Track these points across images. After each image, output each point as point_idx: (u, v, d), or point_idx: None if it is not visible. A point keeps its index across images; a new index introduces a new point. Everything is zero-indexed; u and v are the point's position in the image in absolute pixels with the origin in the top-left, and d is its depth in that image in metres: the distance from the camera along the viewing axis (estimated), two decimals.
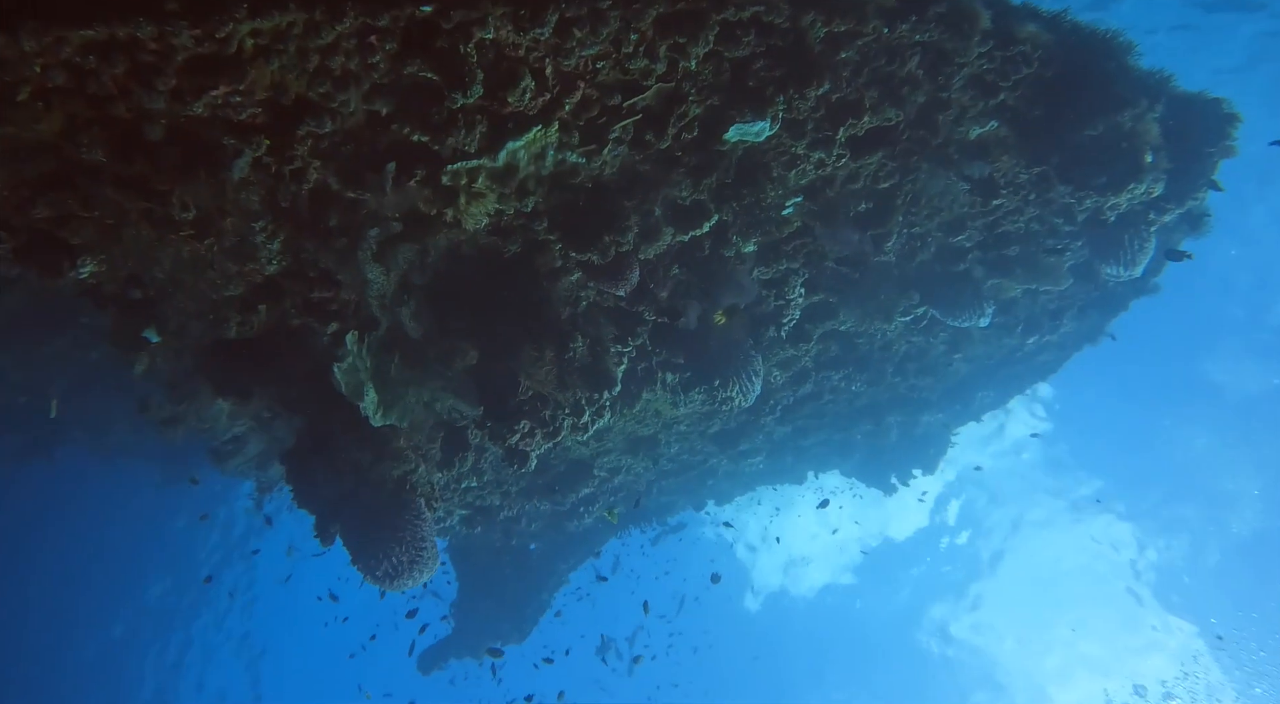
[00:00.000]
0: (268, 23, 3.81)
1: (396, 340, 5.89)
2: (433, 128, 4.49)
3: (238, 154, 4.44)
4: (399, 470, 6.26)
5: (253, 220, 4.85)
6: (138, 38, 3.71)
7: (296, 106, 4.32)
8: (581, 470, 10.89)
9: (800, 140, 5.34)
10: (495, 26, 4.06)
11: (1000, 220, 6.76)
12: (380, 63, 4.20)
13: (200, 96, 4.06)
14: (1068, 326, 9.84)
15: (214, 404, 7.08)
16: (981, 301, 7.54)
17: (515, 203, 5.24)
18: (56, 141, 4.22)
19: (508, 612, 15.13)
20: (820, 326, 8.00)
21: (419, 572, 6.22)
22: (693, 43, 4.41)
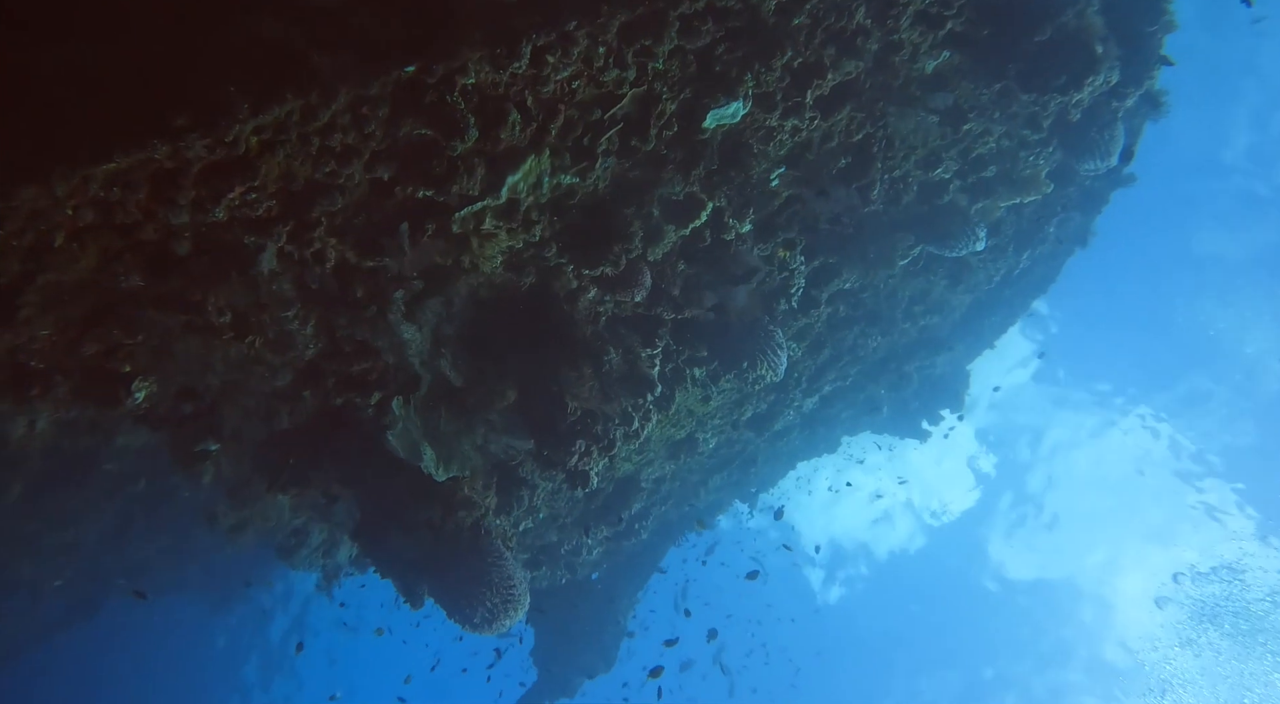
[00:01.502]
0: (269, 117, 4.03)
1: (438, 395, 6.07)
2: (436, 180, 4.70)
3: (261, 249, 4.65)
4: (470, 518, 6.43)
5: (286, 309, 5.04)
6: (155, 159, 3.92)
7: (307, 190, 4.53)
8: (629, 487, 11.04)
9: (773, 112, 5.57)
10: (476, 71, 4.29)
11: (973, 145, 7.01)
12: (375, 131, 4.41)
13: (219, 202, 4.27)
14: (1056, 234, 10.10)
15: (276, 500, 7.24)
16: (972, 227, 7.78)
17: (524, 235, 5.45)
18: (94, 277, 4.42)
19: (588, 643, 15.19)
20: (826, 289, 8.21)
21: (514, 610, 6.37)
22: (657, 43, 4.64)
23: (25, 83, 3.95)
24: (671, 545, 15.63)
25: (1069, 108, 6.58)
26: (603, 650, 15.13)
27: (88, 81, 3.99)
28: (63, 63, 3.98)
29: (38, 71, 3.95)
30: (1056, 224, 9.83)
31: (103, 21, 4.11)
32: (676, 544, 15.95)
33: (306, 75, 4.03)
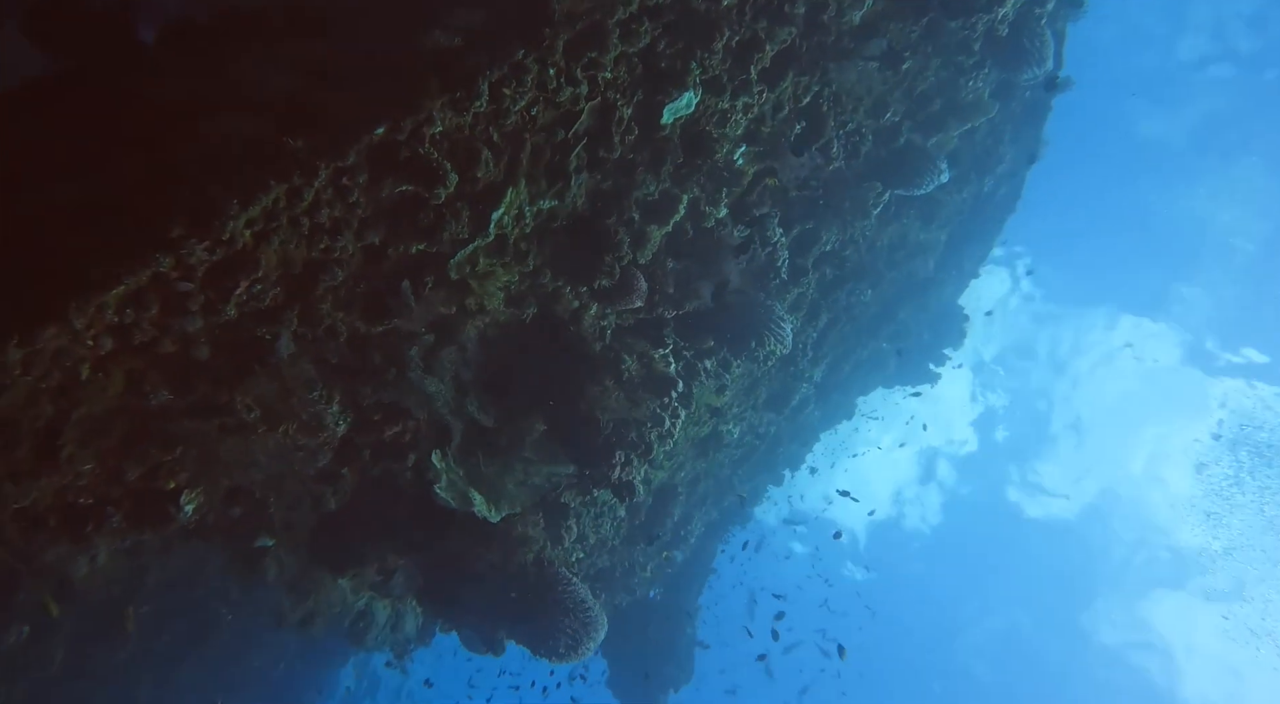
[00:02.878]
0: (258, 207, 4.15)
1: (472, 440, 6.16)
2: (426, 232, 4.82)
3: (276, 337, 4.75)
4: (531, 553, 6.51)
5: (311, 390, 5.13)
6: (161, 272, 4.02)
7: (307, 271, 4.64)
8: (667, 495, 11.11)
9: (723, 94, 5.74)
10: (441, 118, 4.43)
11: (914, 83, 7.21)
12: (359, 198, 4.53)
13: (229, 300, 4.37)
14: (1010, 151, 10.33)
15: (336, 585, 7.28)
16: (933, 161, 7.97)
17: (518, 267, 5.58)
18: (124, 401, 4.50)
19: (664, 659, 15.17)
20: (810, 255, 8.37)
21: (594, 630, 6.44)
22: (602, 53, 4.80)
23: (21, 231, 4.06)
24: (719, 544, 15.69)
25: (995, 25, 6.80)
26: (679, 662, 15.12)
27: (80, 216, 4.11)
28: (53, 204, 4.10)
29: (31, 217, 4.06)
30: (1009, 141, 10.06)
31: (80, 155, 4.24)
32: (724, 542, 16.02)
33: (285, 159, 4.16)
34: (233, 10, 5.26)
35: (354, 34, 4.93)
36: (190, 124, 4.43)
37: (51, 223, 4.07)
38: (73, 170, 4.23)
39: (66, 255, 4.01)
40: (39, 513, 4.65)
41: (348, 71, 4.62)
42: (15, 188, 4.18)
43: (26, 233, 4.05)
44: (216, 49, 4.99)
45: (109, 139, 4.43)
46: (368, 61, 4.61)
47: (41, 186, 4.20)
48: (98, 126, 4.50)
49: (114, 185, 4.22)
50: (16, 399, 4.03)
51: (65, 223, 4.08)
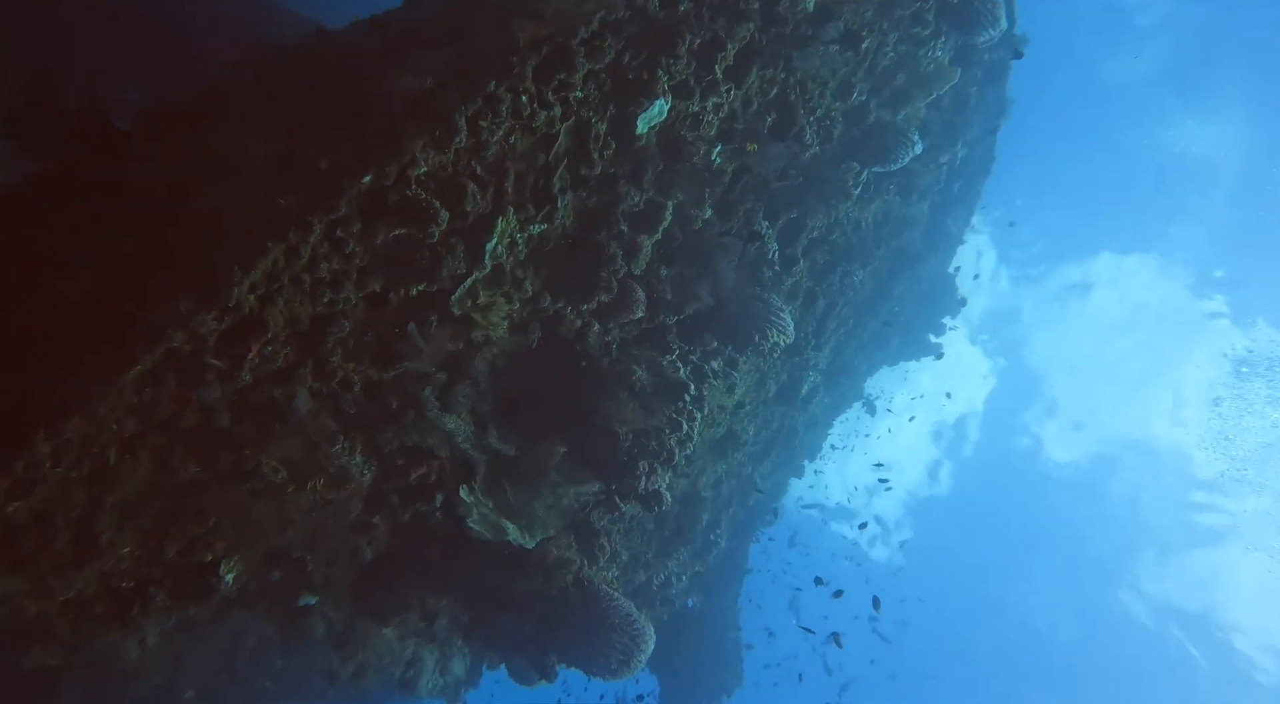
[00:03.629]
0: (259, 270, 4.21)
1: (496, 470, 6.20)
2: (424, 272, 4.89)
3: (293, 396, 4.80)
4: (570, 574, 6.53)
5: (333, 444, 5.18)
6: (174, 347, 4.08)
7: (314, 327, 4.70)
8: (692, 501, 11.13)
9: (692, 97, 5.83)
10: (424, 159, 4.51)
11: (875, 60, 7.31)
12: (355, 249, 4.60)
13: (242, 366, 4.42)
14: (978, 114, 10.44)
15: (382, 636, 7.30)
16: (904, 134, 8.06)
17: (518, 294, 5.64)
18: (154, 480, 4.55)
19: (713, 666, 15.14)
20: (799, 244, 8.45)
21: (644, 642, 6.46)
22: (570, 73, 4.88)
23: (32, 327, 4.13)
24: (750, 543, 15.68)
25: None
26: (728, 666, 15.10)
27: (88, 305, 4.18)
28: (59, 297, 4.16)
29: (39, 312, 4.13)
30: (975, 105, 10.17)
31: (80, 246, 4.32)
32: (755, 541, 16.00)
33: (278, 220, 4.23)
34: (202, 87, 5.37)
35: (327, 90, 5.01)
36: (181, 200, 4.51)
37: (60, 316, 4.14)
38: (75, 262, 4.29)
39: (79, 345, 4.07)
40: (85, 602, 4.68)
41: (326, 127, 4.70)
42: (20, 286, 4.25)
43: (37, 328, 4.11)
44: (194, 125, 5.09)
45: (106, 227, 4.51)
46: (344, 114, 4.69)
47: (46, 282, 4.26)
48: (93, 217, 4.57)
49: (116, 270, 4.29)
50: (50, 492, 4.08)
51: (74, 313, 4.14)
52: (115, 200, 4.69)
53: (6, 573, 4.13)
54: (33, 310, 4.09)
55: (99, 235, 4.49)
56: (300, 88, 5.20)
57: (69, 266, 4.30)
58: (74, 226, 4.58)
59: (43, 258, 4.36)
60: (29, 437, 3.79)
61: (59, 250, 4.44)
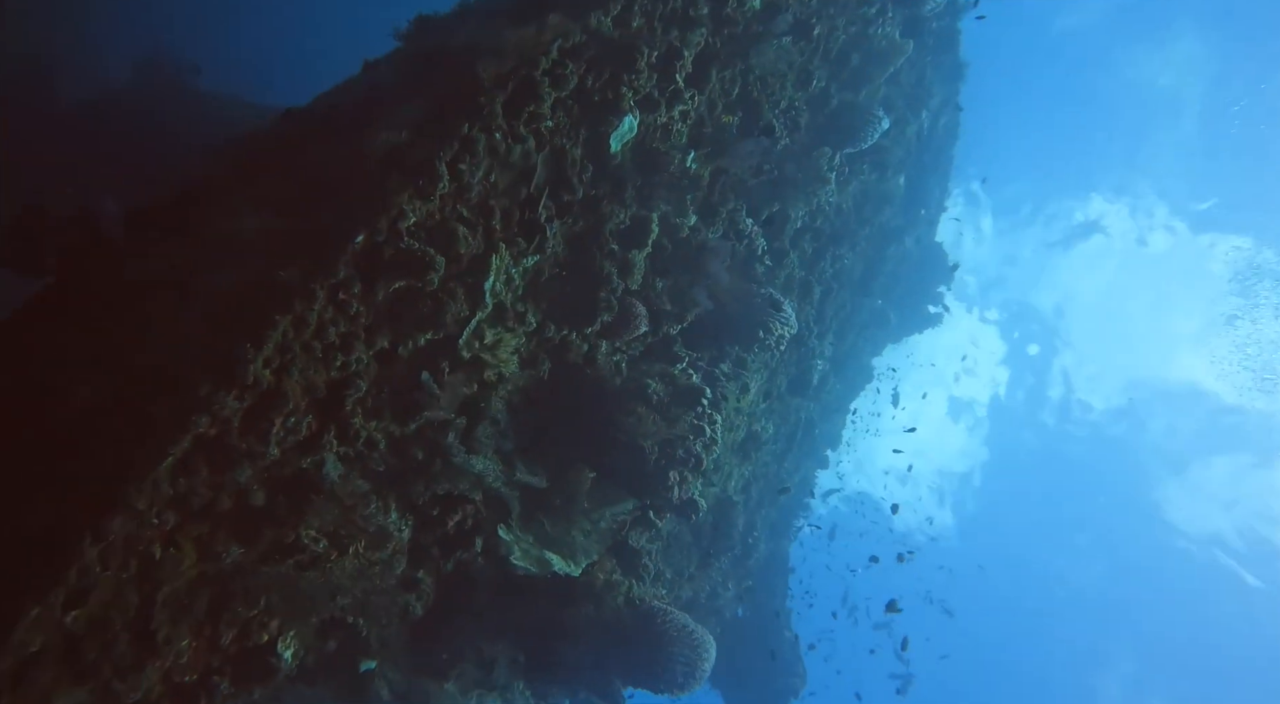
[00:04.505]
0: (270, 343, 4.27)
1: (531, 505, 6.22)
2: (428, 320, 4.94)
3: (322, 464, 4.84)
4: (620, 596, 6.53)
5: (367, 505, 5.21)
6: (201, 433, 4.13)
7: (331, 392, 4.75)
8: (724, 508, 11.12)
9: (658, 109, 5.93)
10: (411, 210, 4.58)
11: (828, 45, 7.43)
12: (359, 309, 4.66)
13: (268, 441, 4.47)
14: (936, 82, 10.57)
15: (443, 690, 7.27)
16: (869, 112, 8.18)
17: (522, 328, 5.70)
18: (201, 568, 4.57)
19: (775, 671, 15.02)
20: (785, 235, 8.53)
21: (706, 651, 6.46)
22: (538, 104, 4.97)
23: (57, 437, 4.18)
24: (789, 542, 15.62)
25: None
26: (791, 668, 14.97)
27: (109, 405, 4.23)
28: (79, 403, 4.22)
29: (62, 420, 4.18)
30: (933, 76, 10.31)
31: (93, 352, 4.38)
32: (793, 540, 15.95)
33: (281, 292, 4.29)
34: (183, 182, 5.46)
35: (305, 161, 5.11)
36: (182, 288, 4.58)
37: (85, 420, 4.19)
38: (90, 367, 4.35)
39: (108, 446, 4.11)
40: (152, 703, 4.69)
41: (311, 196, 4.79)
42: (40, 401, 4.30)
43: (64, 435, 4.16)
44: (182, 217, 5.17)
45: (114, 327, 4.57)
46: (327, 180, 4.77)
47: (63, 391, 4.32)
48: (100, 320, 4.64)
49: (132, 368, 4.35)
50: (104, 596, 4.10)
51: (98, 416, 4.19)
52: (118, 300, 4.76)
53: (74, 685, 4.14)
54: (57, 419, 4.14)
55: (109, 337, 4.55)
56: (279, 164, 5.30)
57: (86, 372, 4.36)
58: (84, 332, 4.65)
59: (59, 368, 4.42)
60: (76, 543, 3.83)
61: (73, 358, 4.50)
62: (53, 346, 4.68)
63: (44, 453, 4.11)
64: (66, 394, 4.27)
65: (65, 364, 4.48)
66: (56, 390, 4.30)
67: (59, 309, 4.80)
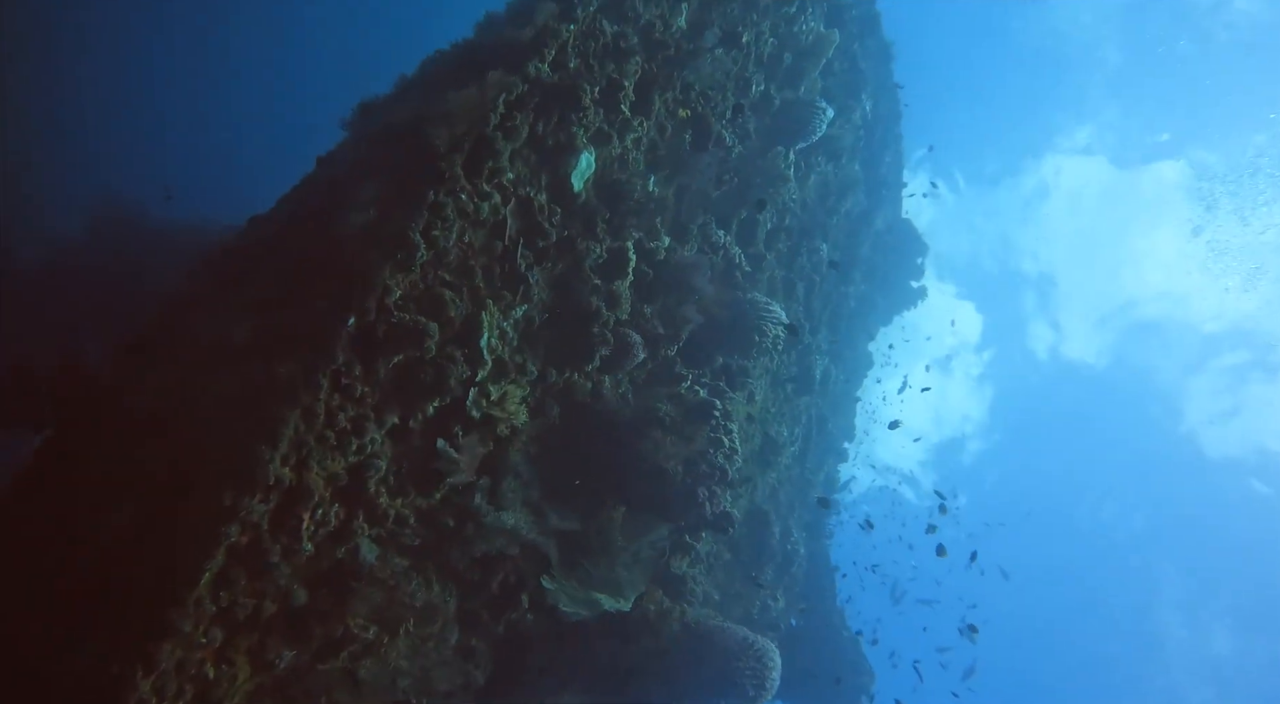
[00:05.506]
0: (284, 441, 4.29)
1: (569, 549, 6.21)
2: (434, 387, 4.98)
3: (356, 550, 4.84)
4: (675, 622, 6.49)
5: (409, 581, 5.20)
6: (234, 542, 4.13)
7: (352, 477, 4.76)
8: (757, 519, 11.10)
9: (611, 141, 6.04)
10: (395, 284, 4.64)
11: (760, 49, 7.60)
12: (364, 390, 4.69)
13: (300, 538, 4.47)
14: (868, 66, 10.80)
15: None
16: (813, 106, 8.34)
17: (525, 378, 5.74)
18: (257, 679, 4.54)
19: (841, 673, 14.84)
20: (758, 239, 8.64)
21: (771, 659, 6.44)
22: (497, 159, 5.07)
23: (90, 574, 4.17)
24: (827, 541, 15.53)
25: None
26: (856, 667, 14.80)
27: (136, 536, 4.24)
28: (105, 539, 4.22)
29: (91, 558, 4.18)
30: (863, 58, 10.53)
31: (110, 487, 4.39)
32: (830, 537, 15.85)
33: (283, 388, 4.33)
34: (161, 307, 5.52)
35: (281, 259, 5.18)
36: (184, 403, 4.62)
37: (116, 551, 4.18)
38: (111, 501, 4.36)
39: (145, 572, 4.11)
40: None
41: (294, 290, 4.84)
42: (70, 542, 4.30)
43: (98, 571, 4.16)
44: (169, 338, 5.22)
45: (125, 460, 4.59)
46: (306, 272, 4.84)
47: (91, 529, 4.32)
48: (110, 456, 4.66)
49: (151, 492, 4.36)
50: None
51: (128, 545, 4.19)
52: (124, 431, 4.78)
53: None
54: (90, 555, 4.14)
55: (123, 468, 4.57)
56: (255, 268, 5.36)
57: (108, 507, 4.37)
58: (97, 470, 4.67)
59: (80, 509, 4.43)
60: (129, 677, 3.81)
61: (92, 497, 4.51)
62: (69, 490, 4.69)
63: (83, 589, 4.10)
64: (94, 531, 4.27)
65: (86, 504, 4.48)
66: (83, 530, 4.30)
67: (68, 454, 4.82)
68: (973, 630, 15.49)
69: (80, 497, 4.58)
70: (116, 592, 4.12)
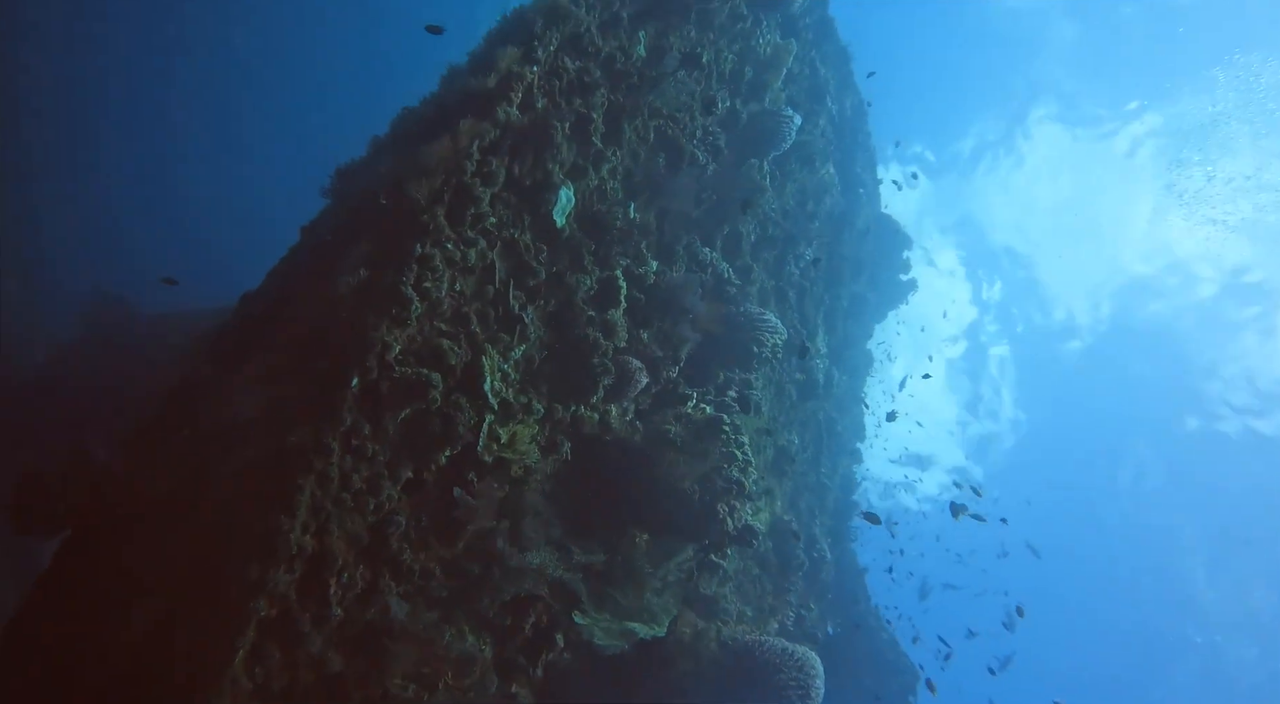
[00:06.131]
0: (302, 508, 4.30)
1: (596, 581, 6.19)
2: (443, 437, 5.00)
3: (387, 609, 4.83)
4: (712, 642, 6.46)
5: (441, 634, 5.18)
6: (264, 616, 4.13)
7: (373, 536, 4.76)
8: (780, 529, 11.06)
9: (586, 175, 6.12)
10: (393, 339, 4.68)
11: (720, 66, 7.72)
12: (374, 449, 4.71)
13: (329, 604, 4.47)
14: (828, 70, 10.95)
15: None
16: (780, 115, 8.44)
17: (531, 417, 5.76)
18: None
19: (884, 676, 14.71)
20: (743, 252, 8.71)
21: (815, 668, 6.41)
22: (477, 205, 5.14)
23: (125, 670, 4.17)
24: (853, 544, 15.45)
25: None
26: (898, 667, 14.67)
27: (165, 622, 4.23)
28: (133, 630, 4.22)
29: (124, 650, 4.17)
30: (821, 63, 10.68)
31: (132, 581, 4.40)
32: (855, 540, 15.78)
33: (296, 455, 4.35)
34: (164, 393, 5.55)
35: (277, 331, 5.22)
36: (200, 481, 4.64)
37: (149, 642, 4.18)
38: (137, 591, 4.37)
39: (178, 658, 4.10)
40: None
41: (294, 360, 4.89)
42: (101, 639, 4.30)
43: (133, 664, 4.15)
44: (179, 421, 5.24)
45: (146, 548, 4.60)
46: (303, 340, 4.88)
47: (120, 623, 4.32)
48: (131, 547, 4.67)
49: (176, 577, 4.36)
50: None
51: (160, 633, 4.19)
52: (141, 520, 4.79)
53: None
54: (122, 649, 4.13)
55: (145, 558, 4.57)
56: (252, 343, 5.40)
57: (134, 597, 4.37)
58: (119, 563, 4.67)
59: (107, 603, 4.43)
60: None
61: (117, 589, 4.51)
62: (92, 589, 4.69)
63: (118, 684, 4.09)
64: (122, 625, 4.27)
65: (110, 600, 4.48)
66: (111, 625, 4.30)
67: (87, 553, 4.82)
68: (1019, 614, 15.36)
69: (104, 593, 4.58)
70: (151, 682, 4.11)
